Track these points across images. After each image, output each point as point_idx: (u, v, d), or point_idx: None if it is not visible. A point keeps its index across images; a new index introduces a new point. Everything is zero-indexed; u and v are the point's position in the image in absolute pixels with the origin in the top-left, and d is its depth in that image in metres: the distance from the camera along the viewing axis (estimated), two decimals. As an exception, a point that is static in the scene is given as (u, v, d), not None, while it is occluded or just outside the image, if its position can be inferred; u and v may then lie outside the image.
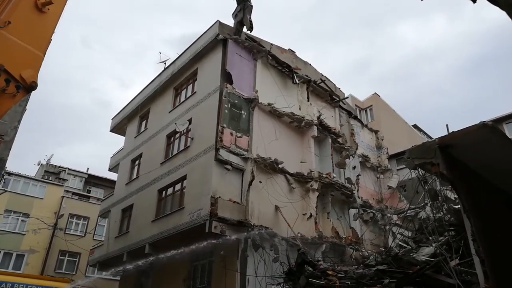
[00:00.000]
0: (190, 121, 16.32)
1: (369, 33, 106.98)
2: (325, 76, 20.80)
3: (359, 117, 23.49)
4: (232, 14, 16.90)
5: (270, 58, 17.71)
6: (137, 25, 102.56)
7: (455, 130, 6.13)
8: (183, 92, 18.50)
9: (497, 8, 3.32)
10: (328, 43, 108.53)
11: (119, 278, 19.77)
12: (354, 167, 19.46)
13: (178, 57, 18.95)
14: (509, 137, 6.80)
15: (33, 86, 6.13)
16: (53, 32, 7.07)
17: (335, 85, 21.54)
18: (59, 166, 33.80)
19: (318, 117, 17.90)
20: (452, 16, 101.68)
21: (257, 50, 17.28)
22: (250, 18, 16.45)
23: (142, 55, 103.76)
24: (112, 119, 23.85)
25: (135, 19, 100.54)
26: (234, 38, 16.48)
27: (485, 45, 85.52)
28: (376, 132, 23.00)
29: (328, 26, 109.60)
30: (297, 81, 18.38)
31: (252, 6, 16.45)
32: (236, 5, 16.80)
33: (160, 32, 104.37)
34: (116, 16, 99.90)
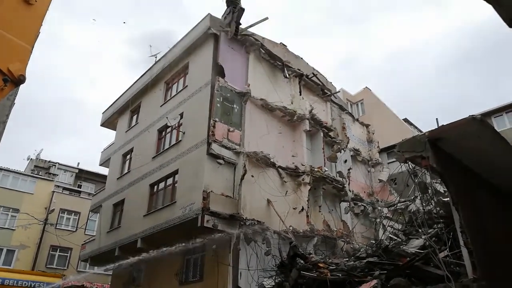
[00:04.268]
0: (181, 115, 16.24)
1: (355, 28, 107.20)
2: (316, 70, 20.81)
3: (350, 111, 23.60)
4: (222, 15, 16.73)
5: (263, 51, 17.64)
6: (101, 22, 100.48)
7: (444, 124, 6.19)
8: (174, 86, 18.37)
9: (481, 5, 3.35)
10: (313, 39, 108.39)
11: (111, 273, 19.74)
12: (346, 161, 19.59)
13: (169, 51, 18.79)
14: (498, 130, 6.89)
15: (21, 79, 6.04)
16: (41, 25, 6.95)
17: (326, 79, 21.58)
18: (49, 161, 33.47)
19: (310, 111, 17.94)
20: (439, 12, 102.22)
21: (250, 43, 17.19)
22: (238, 22, 16.28)
23: (105, 53, 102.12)
24: (102, 113, 23.63)
25: (98, 16, 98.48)
26: (226, 31, 16.36)
27: (473, 40, 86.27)
28: (367, 126, 23.15)
29: (313, 21, 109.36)
30: (288, 76, 18.34)
31: (243, 9, 16.06)
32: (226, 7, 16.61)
33: (123, 30, 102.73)
34: (77, 12, 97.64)
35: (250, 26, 16.69)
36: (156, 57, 20.11)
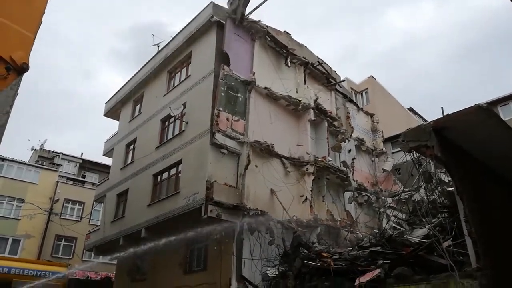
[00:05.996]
0: (184, 105, 16.18)
1: (357, 20, 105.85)
2: (321, 59, 20.61)
3: (354, 100, 23.42)
4: (228, 1, 16.52)
5: (269, 39, 17.41)
6: (87, 14, 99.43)
7: (450, 113, 6.10)
8: (177, 76, 18.30)
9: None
10: (316, 30, 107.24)
11: (115, 262, 19.93)
12: (350, 151, 19.50)
13: (172, 39, 18.67)
14: (504, 119, 6.81)
15: (24, 68, 5.98)
16: (44, 13, 6.90)
17: (331, 68, 21.38)
18: (53, 151, 33.61)
19: (315, 101, 17.79)
20: (439, 3, 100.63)
21: (255, 30, 16.95)
22: (244, 10, 16.09)
23: (94, 46, 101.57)
24: (105, 103, 23.62)
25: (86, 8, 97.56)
26: (231, 18, 16.17)
27: (475, 31, 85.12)
28: (371, 115, 22.98)
29: (315, 12, 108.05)
30: (289, 64, 18.11)
31: None
32: None
33: (110, 22, 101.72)
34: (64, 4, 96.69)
35: (255, 8, 16.42)
36: (158, 47, 19.99)
